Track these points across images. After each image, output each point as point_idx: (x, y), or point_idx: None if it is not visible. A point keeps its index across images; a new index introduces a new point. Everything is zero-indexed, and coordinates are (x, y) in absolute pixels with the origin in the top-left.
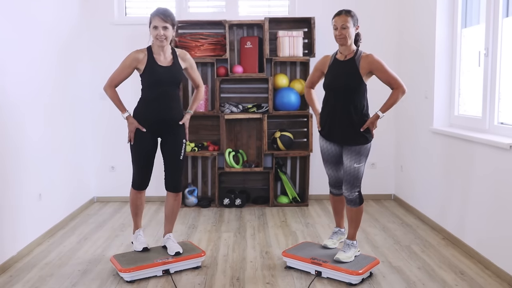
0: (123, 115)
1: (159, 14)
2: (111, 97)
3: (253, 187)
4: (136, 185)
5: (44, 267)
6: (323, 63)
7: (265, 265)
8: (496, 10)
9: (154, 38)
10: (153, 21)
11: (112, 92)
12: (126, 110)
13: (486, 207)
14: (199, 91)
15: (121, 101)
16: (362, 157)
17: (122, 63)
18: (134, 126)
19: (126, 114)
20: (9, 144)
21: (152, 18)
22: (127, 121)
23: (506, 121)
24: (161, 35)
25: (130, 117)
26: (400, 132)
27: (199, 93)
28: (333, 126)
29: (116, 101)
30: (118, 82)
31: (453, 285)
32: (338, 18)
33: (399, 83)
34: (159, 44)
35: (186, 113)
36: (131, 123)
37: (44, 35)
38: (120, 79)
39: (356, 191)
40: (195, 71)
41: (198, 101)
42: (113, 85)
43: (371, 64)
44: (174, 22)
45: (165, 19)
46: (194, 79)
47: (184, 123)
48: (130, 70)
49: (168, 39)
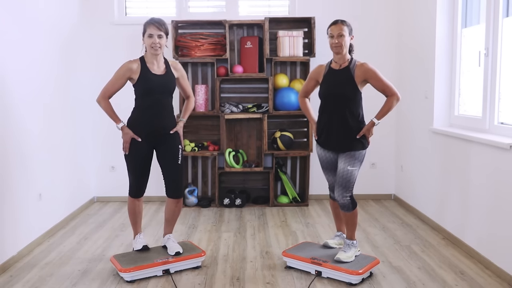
0: (117, 125)
1: (154, 22)
2: (105, 109)
3: (253, 187)
4: (133, 193)
5: (44, 267)
6: (318, 73)
7: (265, 265)
8: (496, 10)
9: (148, 47)
10: (148, 30)
11: (105, 103)
12: (120, 121)
13: (486, 207)
14: (189, 101)
15: (115, 112)
16: (357, 161)
17: (116, 74)
18: (129, 136)
19: (121, 125)
20: (9, 144)
21: (147, 27)
22: (122, 131)
23: (506, 121)
24: (156, 43)
25: (125, 128)
26: (400, 132)
27: (190, 103)
28: (330, 134)
29: (109, 112)
30: (112, 93)
31: (453, 285)
32: (335, 26)
33: (393, 90)
34: (153, 52)
35: (179, 121)
36: (126, 134)
37: (45, 35)
38: (114, 90)
39: (348, 195)
40: (185, 81)
41: (189, 110)
42: (107, 96)
43: (365, 72)
44: (168, 31)
45: (160, 28)
46: (185, 89)
47: (178, 131)
48: (124, 80)
49: (162, 48)
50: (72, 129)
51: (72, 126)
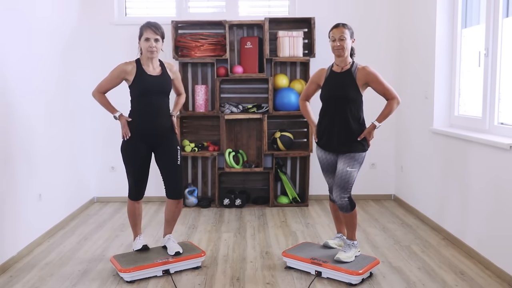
0: (115, 115)
1: (151, 26)
2: (100, 101)
3: (253, 187)
4: (133, 196)
5: (44, 267)
6: (319, 76)
7: (265, 265)
8: (496, 10)
9: (145, 50)
10: (145, 33)
11: (100, 96)
12: (116, 110)
13: (486, 207)
14: (180, 97)
15: (110, 102)
16: (356, 163)
17: (111, 73)
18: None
19: (118, 113)
20: (9, 144)
21: (144, 31)
22: (120, 120)
23: (506, 121)
24: (153, 47)
25: (122, 116)
26: (400, 132)
27: (181, 98)
28: (331, 136)
29: (105, 103)
30: (106, 90)
31: (453, 285)
32: (336, 30)
33: (394, 94)
34: (149, 56)
35: (171, 117)
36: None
37: (46, 35)
38: (108, 88)
39: (346, 196)
40: (179, 82)
41: (180, 104)
42: (102, 91)
43: (367, 75)
44: (164, 35)
45: (156, 32)
46: (178, 88)
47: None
48: (118, 80)
49: (159, 51)
50: (72, 129)
51: (72, 127)
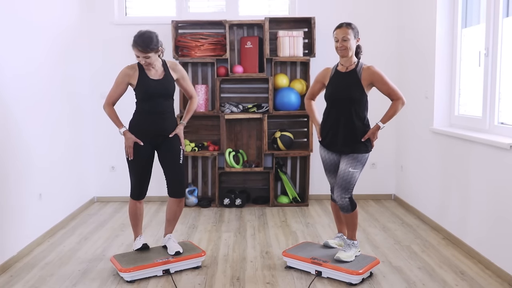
0: (120, 130)
1: (138, 46)
2: (109, 114)
3: (253, 187)
4: (135, 196)
5: (44, 267)
6: (324, 75)
7: (265, 265)
8: (496, 10)
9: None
10: (134, 51)
11: (109, 109)
12: (123, 126)
13: (486, 207)
14: (192, 102)
15: (118, 117)
16: (359, 164)
17: (116, 81)
18: (132, 140)
19: (123, 130)
20: (9, 143)
21: (133, 48)
22: (124, 136)
23: (506, 121)
24: (144, 63)
25: (127, 132)
26: (401, 132)
27: (192, 104)
28: (335, 136)
29: (113, 117)
30: (115, 99)
31: (453, 285)
32: (339, 30)
33: (399, 95)
34: (145, 67)
35: (180, 124)
36: (128, 138)
37: (45, 36)
38: (117, 96)
39: (347, 197)
40: (186, 81)
41: (191, 112)
42: (111, 102)
43: (372, 75)
44: (156, 47)
45: (144, 51)
46: (187, 89)
47: (178, 134)
48: (124, 86)
49: (154, 62)
50: (72, 129)
51: (72, 126)
